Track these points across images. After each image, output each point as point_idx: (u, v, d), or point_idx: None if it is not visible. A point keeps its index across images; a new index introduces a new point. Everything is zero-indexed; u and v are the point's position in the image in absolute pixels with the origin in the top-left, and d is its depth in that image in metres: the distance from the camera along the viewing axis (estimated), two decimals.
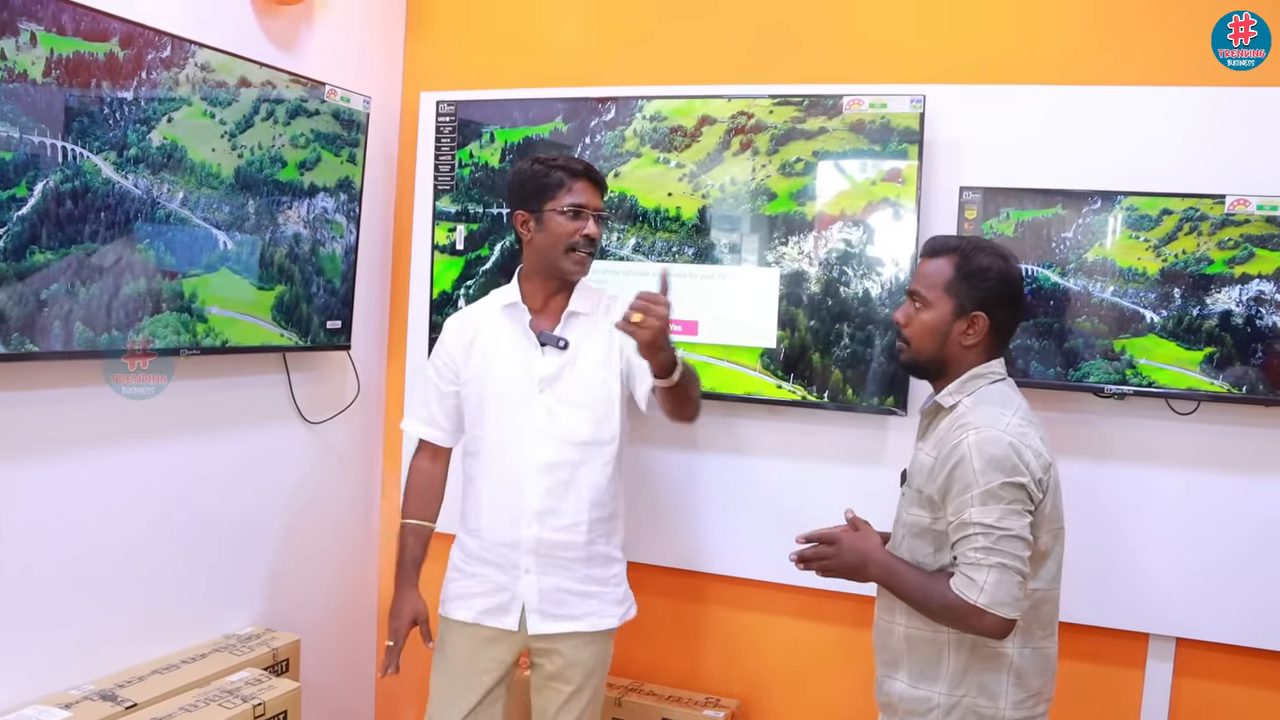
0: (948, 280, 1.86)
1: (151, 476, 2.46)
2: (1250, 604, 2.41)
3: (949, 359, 1.88)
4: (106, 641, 2.36)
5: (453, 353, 2.32)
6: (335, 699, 3.14)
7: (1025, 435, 1.77)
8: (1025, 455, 1.74)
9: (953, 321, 1.86)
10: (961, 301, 1.85)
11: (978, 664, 1.82)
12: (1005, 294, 1.86)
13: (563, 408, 2.23)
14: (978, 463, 1.73)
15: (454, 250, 2.96)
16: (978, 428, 1.77)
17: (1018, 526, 1.72)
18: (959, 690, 1.83)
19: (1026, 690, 1.83)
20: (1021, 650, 1.83)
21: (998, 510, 1.71)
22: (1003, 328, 1.89)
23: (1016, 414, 1.81)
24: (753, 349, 2.71)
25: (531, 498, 2.22)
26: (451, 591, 2.32)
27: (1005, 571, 1.70)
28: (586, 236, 2.21)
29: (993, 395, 1.85)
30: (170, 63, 2.29)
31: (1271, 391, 2.31)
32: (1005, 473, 1.72)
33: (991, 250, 1.88)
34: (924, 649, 1.87)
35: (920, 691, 1.86)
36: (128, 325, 2.26)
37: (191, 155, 2.36)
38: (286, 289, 2.69)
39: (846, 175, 2.61)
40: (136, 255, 2.26)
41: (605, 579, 2.30)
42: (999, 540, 1.71)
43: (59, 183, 2.06)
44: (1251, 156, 2.36)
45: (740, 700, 2.88)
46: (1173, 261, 2.35)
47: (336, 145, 2.79)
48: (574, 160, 2.27)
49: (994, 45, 2.61)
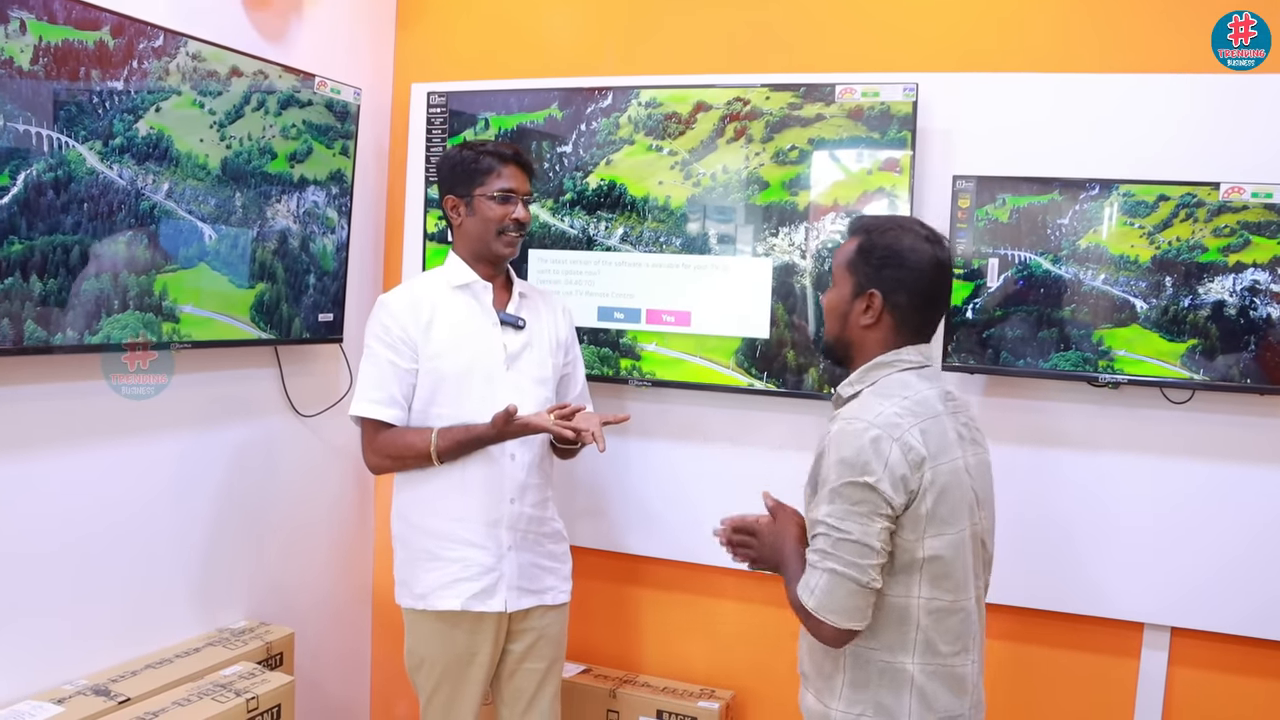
0: (850, 259, 1.77)
1: (143, 470, 2.45)
2: (1244, 593, 2.41)
3: (851, 341, 1.79)
4: (99, 636, 2.35)
5: (409, 330, 2.25)
6: (329, 692, 3.14)
7: (897, 427, 1.63)
8: (885, 451, 1.60)
9: (851, 300, 1.76)
10: (859, 280, 1.75)
11: (874, 680, 1.69)
12: (901, 273, 1.72)
13: (527, 384, 2.29)
14: (832, 456, 1.64)
15: (445, 239, 2.95)
16: (845, 419, 1.67)
17: (858, 531, 1.59)
18: (855, 709, 1.70)
19: (935, 712, 1.68)
20: (925, 668, 1.67)
21: (839, 510, 1.61)
22: (904, 311, 1.74)
23: (902, 403, 1.67)
24: (726, 346, 2.71)
25: (515, 472, 2.27)
26: (431, 582, 2.26)
27: (836, 578, 1.60)
28: (515, 220, 2.27)
29: (890, 385, 1.72)
30: (161, 52, 2.27)
31: (1262, 380, 2.31)
32: (854, 471, 1.60)
33: (906, 230, 1.76)
34: (823, 662, 1.76)
35: (821, 707, 1.75)
36: (84, 326, 2.15)
37: (178, 145, 2.34)
38: (268, 287, 2.64)
39: (841, 164, 2.60)
40: (108, 248, 2.19)
41: (559, 554, 2.40)
42: (836, 544, 1.61)
43: (41, 172, 2.03)
44: (1247, 144, 2.35)
45: (735, 691, 2.88)
46: (1166, 249, 2.35)
47: (329, 137, 2.77)
48: (503, 145, 2.31)
49: (987, 33, 2.60)
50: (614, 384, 2.80)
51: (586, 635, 2.96)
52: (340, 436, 3.11)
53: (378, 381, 2.25)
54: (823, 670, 1.76)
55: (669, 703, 2.77)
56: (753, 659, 2.89)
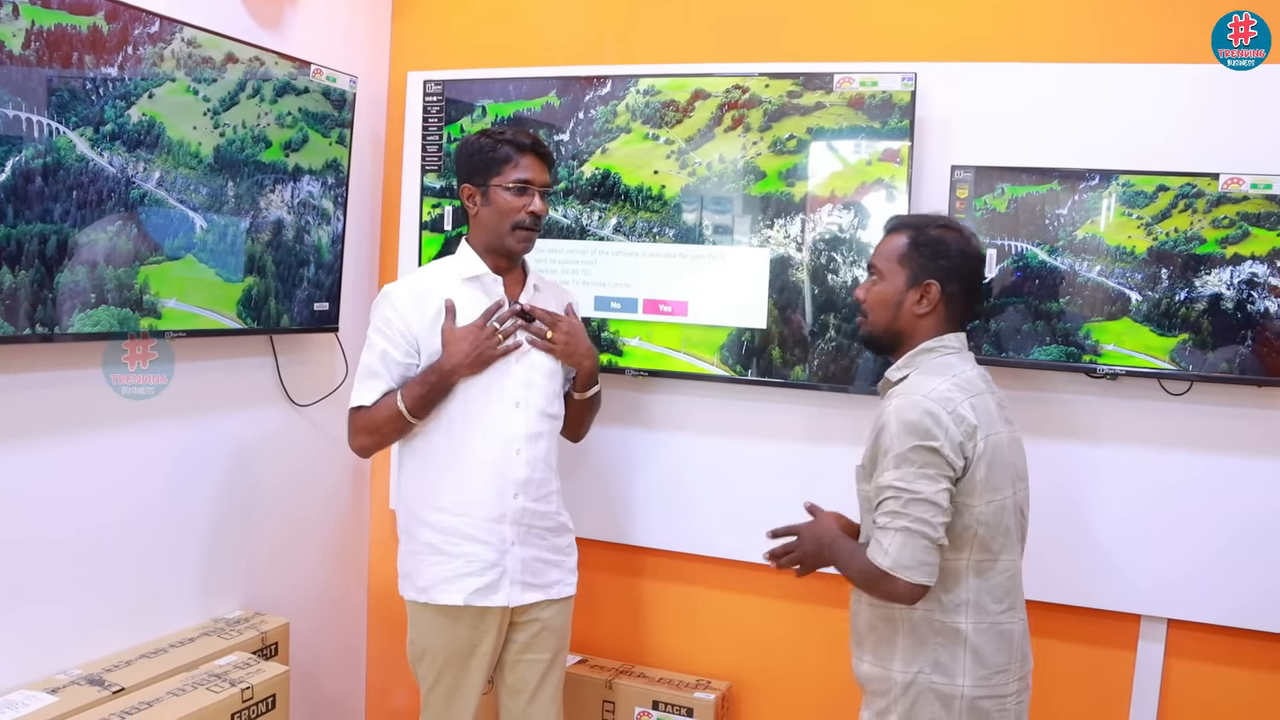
0: (902, 252, 1.91)
1: (138, 459, 2.44)
2: (1241, 585, 2.41)
3: (902, 330, 1.92)
4: (94, 626, 2.35)
5: (410, 325, 2.22)
6: (325, 682, 3.13)
7: (950, 400, 1.78)
8: (943, 419, 1.75)
9: (905, 291, 1.90)
10: (914, 271, 1.89)
11: (931, 640, 1.83)
12: (959, 266, 1.90)
13: (537, 377, 2.27)
14: (894, 427, 1.77)
15: (440, 228, 2.94)
16: (903, 394, 1.81)
17: (928, 490, 1.73)
18: (913, 667, 1.84)
19: (987, 667, 1.82)
20: (976, 625, 1.82)
21: (909, 473, 1.74)
22: (956, 300, 1.91)
23: (952, 380, 1.82)
24: (712, 341, 2.71)
25: (519, 468, 2.24)
26: (434, 576, 2.25)
27: (910, 535, 1.72)
28: (532, 213, 2.21)
29: (936, 365, 1.87)
30: (156, 38, 2.25)
31: (1260, 372, 2.30)
32: (918, 436, 1.74)
33: (949, 225, 1.94)
34: (881, 628, 1.89)
35: (880, 670, 1.89)
36: (52, 321, 2.09)
37: (170, 133, 2.31)
38: (257, 281, 2.60)
39: (839, 155, 2.59)
40: (89, 238, 2.15)
41: (564, 548, 2.37)
42: (907, 504, 1.73)
43: (30, 158, 2.01)
44: (1247, 135, 2.34)
45: (731, 682, 2.88)
46: (1163, 240, 2.34)
47: (325, 125, 2.76)
48: (522, 134, 2.25)
49: (986, 22, 2.58)
50: (609, 373, 2.79)
51: (583, 626, 2.94)
52: (336, 426, 3.09)
53: (372, 373, 2.23)
54: (882, 635, 1.89)
55: (665, 693, 2.77)
56: (749, 650, 2.89)
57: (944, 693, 1.82)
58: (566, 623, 2.39)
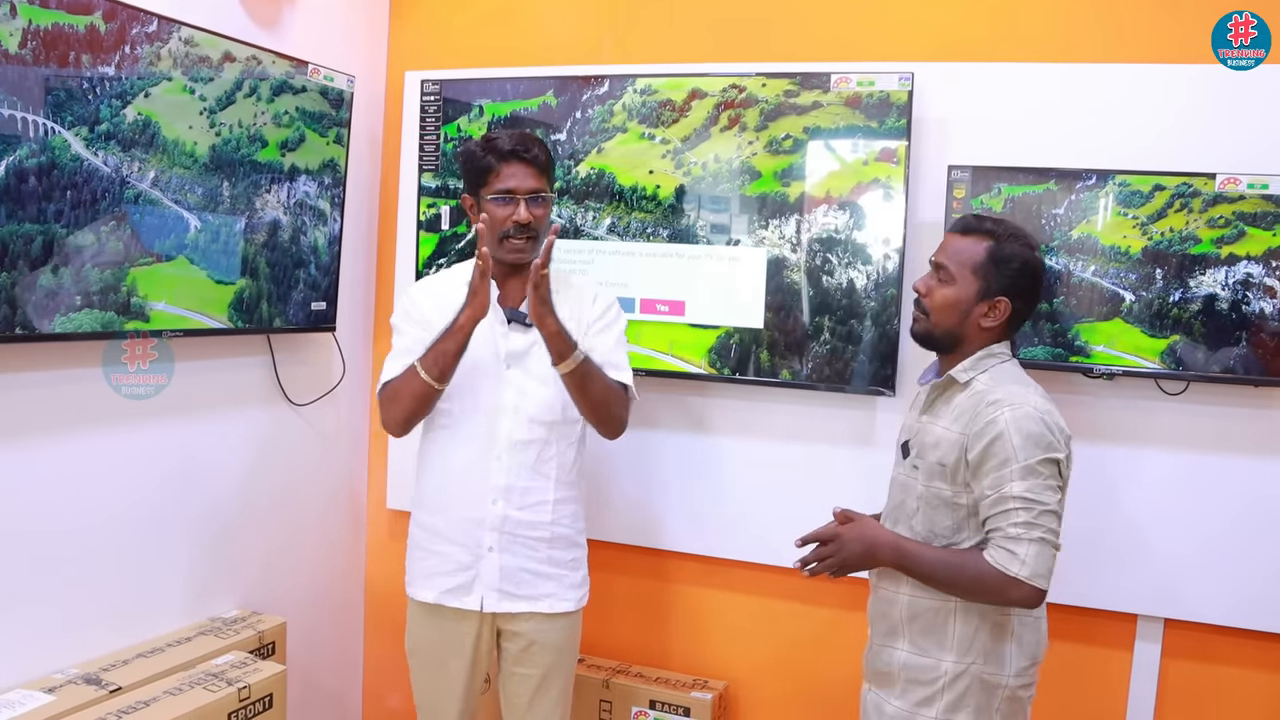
0: (978, 262, 1.89)
1: (135, 459, 2.44)
2: (1238, 585, 2.41)
3: (964, 336, 1.92)
4: (90, 625, 2.35)
5: (427, 315, 2.21)
6: (322, 682, 3.13)
7: (1053, 412, 1.83)
8: (1057, 433, 1.80)
9: (976, 302, 1.89)
10: (989, 284, 1.88)
11: (985, 631, 1.86)
12: (1030, 283, 1.91)
13: (532, 385, 2.20)
14: (1016, 439, 1.78)
15: (436, 227, 2.94)
16: (1012, 404, 1.81)
17: (1054, 501, 1.77)
18: (968, 657, 1.86)
19: (1027, 658, 1.89)
20: (1022, 618, 1.88)
21: (1037, 485, 1.76)
22: (1020, 315, 1.93)
23: (1039, 392, 1.87)
24: (700, 344, 2.71)
25: (498, 474, 2.19)
26: (416, 571, 2.28)
27: (1044, 545, 1.76)
28: (516, 223, 2.13)
29: (1009, 374, 1.89)
30: (154, 37, 2.25)
31: (1255, 372, 2.30)
32: (1043, 449, 1.77)
33: (1022, 239, 1.91)
34: (928, 618, 1.90)
35: (926, 659, 1.89)
36: (36, 323, 2.05)
37: (165, 132, 2.30)
38: (249, 284, 2.58)
39: (836, 154, 2.59)
40: (79, 239, 2.12)
41: (565, 562, 2.27)
42: (1039, 515, 1.76)
43: (24, 158, 2.00)
44: (1245, 135, 2.35)
45: (729, 682, 2.88)
46: (1158, 240, 2.34)
47: (323, 124, 2.76)
48: (503, 138, 2.15)
49: (983, 22, 2.58)
50: None
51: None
52: (334, 426, 3.10)
53: (398, 353, 2.20)
54: (929, 624, 1.90)
55: (662, 693, 2.77)
56: (745, 650, 2.89)
57: (991, 683, 1.86)
58: (565, 639, 2.29)
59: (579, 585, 2.31)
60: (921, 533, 1.91)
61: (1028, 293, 1.91)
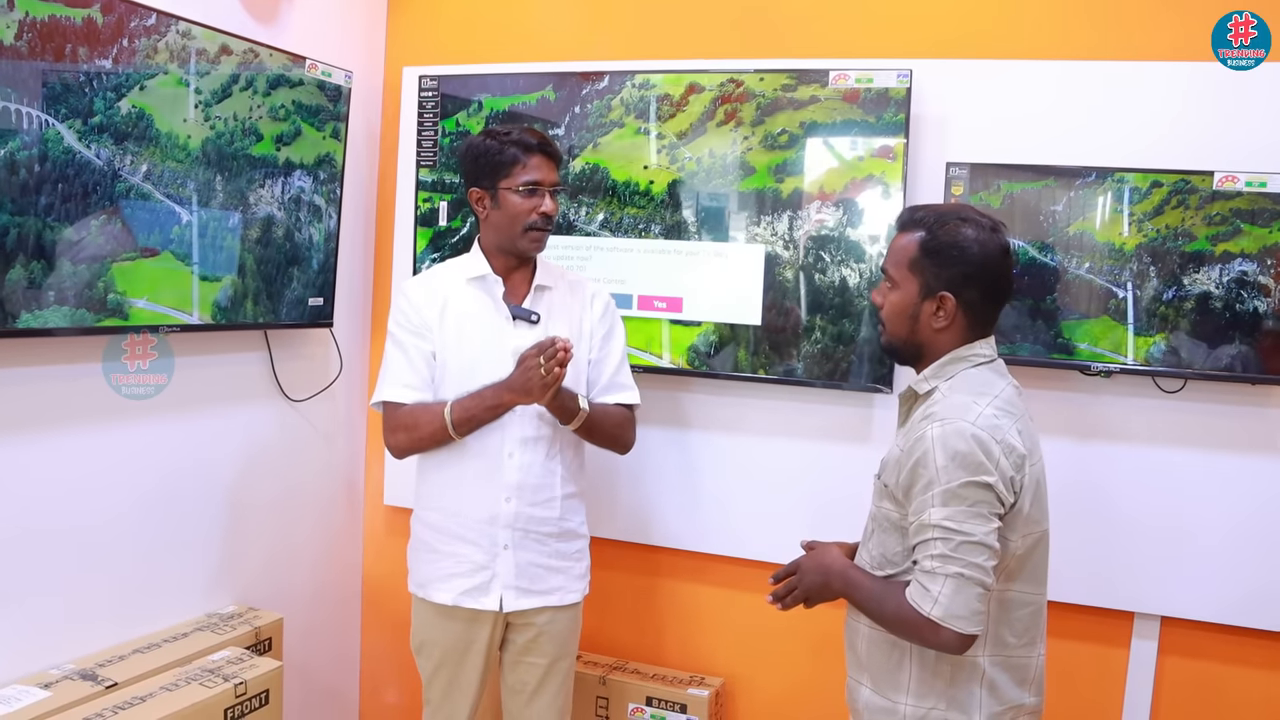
0: (912, 257, 1.70)
1: (132, 454, 2.44)
2: (1234, 583, 2.41)
3: (923, 342, 1.73)
4: (87, 621, 2.35)
5: (425, 316, 2.23)
6: (318, 678, 3.13)
7: (998, 428, 1.61)
8: (993, 451, 1.58)
9: (920, 303, 1.71)
10: (927, 281, 1.69)
11: (945, 673, 1.68)
12: (977, 271, 1.68)
13: None
14: (940, 458, 1.58)
15: (433, 222, 2.93)
16: (943, 419, 1.61)
17: (980, 532, 1.56)
18: (926, 702, 1.69)
19: (1002, 702, 1.69)
20: (993, 659, 1.68)
21: (959, 513, 1.56)
22: (977, 307, 1.70)
23: (994, 403, 1.64)
24: (681, 343, 2.71)
25: (510, 472, 2.21)
26: (428, 573, 2.28)
27: (963, 582, 1.55)
28: (543, 214, 2.18)
29: (971, 381, 1.68)
30: (151, 30, 2.24)
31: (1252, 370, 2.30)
32: (969, 471, 1.57)
33: (967, 221, 1.69)
34: (884, 655, 1.74)
35: (884, 701, 1.73)
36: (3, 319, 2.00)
37: (158, 124, 2.28)
38: (236, 281, 2.55)
39: (834, 150, 2.58)
40: (62, 233, 2.09)
41: (570, 554, 2.31)
42: (958, 547, 1.56)
43: (15, 150, 1.98)
44: (1243, 133, 2.34)
45: (725, 679, 2.88)
46: (1153, 236, 2.33)
47: (320, 118, 2.75)
48: (529, 133, 2.20)
49: (981, 19, 2.58)
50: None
51: None
52: (331, 422, 3.10)
53: (401, 366, 2.23)
54: (885, 664, 1.73)
55: (659, 689, 2.77)
56: (742, 646, 2.89)
57: None
58: (570, 628, 2.34)
59: (583, 575, 2.36)
60: (876, 558, 1.76)
61: (976, 281, 1.68)
